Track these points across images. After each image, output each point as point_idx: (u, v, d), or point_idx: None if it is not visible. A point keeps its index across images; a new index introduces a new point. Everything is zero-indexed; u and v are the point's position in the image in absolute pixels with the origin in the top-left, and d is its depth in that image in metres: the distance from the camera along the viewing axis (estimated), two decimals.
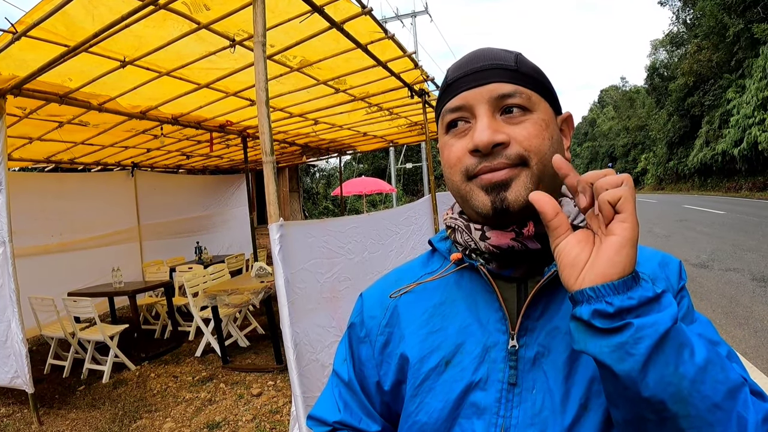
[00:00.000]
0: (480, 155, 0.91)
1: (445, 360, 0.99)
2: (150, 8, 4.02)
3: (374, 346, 1.10)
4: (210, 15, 4.42)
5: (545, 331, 0.93)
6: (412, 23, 28.55)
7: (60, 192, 9.63)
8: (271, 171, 3.46)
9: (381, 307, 1.13)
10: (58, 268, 8.97)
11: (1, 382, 5.43)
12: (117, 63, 5.14)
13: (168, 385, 5.80)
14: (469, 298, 1.03)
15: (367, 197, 29.36)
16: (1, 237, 5.10)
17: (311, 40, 5.14)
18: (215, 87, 6.39)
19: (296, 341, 3.42)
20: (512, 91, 0.93)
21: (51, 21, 4.13)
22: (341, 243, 4.49)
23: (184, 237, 12.18)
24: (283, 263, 3.41)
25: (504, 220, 0.93)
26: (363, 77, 6.60)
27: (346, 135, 11.17)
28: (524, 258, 0.97)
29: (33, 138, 7.61)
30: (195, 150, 10.88)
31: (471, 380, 0.94)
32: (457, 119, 0.97)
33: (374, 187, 21.38)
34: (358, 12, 4.67)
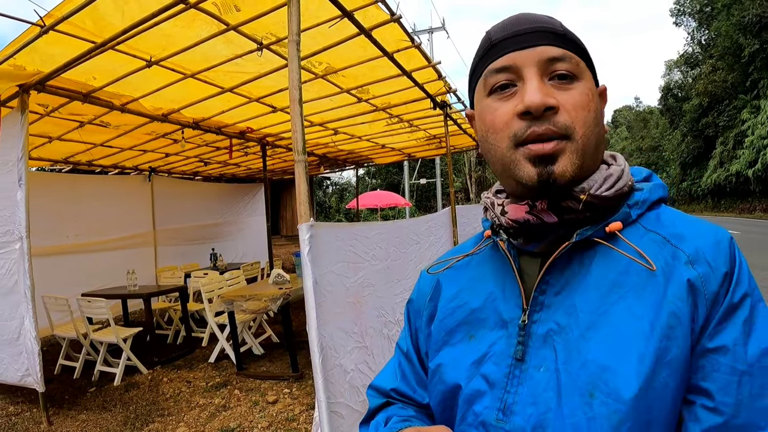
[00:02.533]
0: (530, 118, 0.88)
1: (469, 334, 1.01)
2: (180, 6, 4.00)
3: (422, 319, 1.15)
4: (239, 16, 4.41)
5: (563, 307, 0.90)
6: (429, 39, 28.70)
7: (77, 193, 9.65)
8: (303, 170, 3.41)
9: (430, 282, 1.18)
10: (72, 269, 8.97)
11: (12, 380, 5.40)
12: (143, 62, 5.13)
13: (181, 390, 5.74)
14: (498, 274, 1.04)
15: (381, 211, 29.35)
16: (19, 233, 5.09)
17: (338, 46, 5.13)
18: (239, 91, 6.38)
19: (322, 345, 3.37)
20: (562, 55, 0.91)
21: (80, 15, 4.10)
22: (367, 248, 4.45)
23: (198, 243, 12.18)
24: (312, 264, 3.37)
25: (547, 193, 0.90)
26: (386, 87, 6.58)
27: (365, 146, 11.17)
28: (547, 232, 0.95)
29: (53, 137, 7.62)
30: (213, 157, 10.91)
31: (486, 352, 0.96)
32: (504, 81, 0.93)
33: (389, 200, 21.41)
34: (387, 19, 4.65)
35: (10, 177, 5.17)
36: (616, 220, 0.91)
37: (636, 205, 0.93)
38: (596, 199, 0.90)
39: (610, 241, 0.90)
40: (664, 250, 0.87)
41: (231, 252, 12.80)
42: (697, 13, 47.74)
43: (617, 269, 0.87)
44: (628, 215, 0.92)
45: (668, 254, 0.86)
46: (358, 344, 3.97)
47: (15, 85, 5.06)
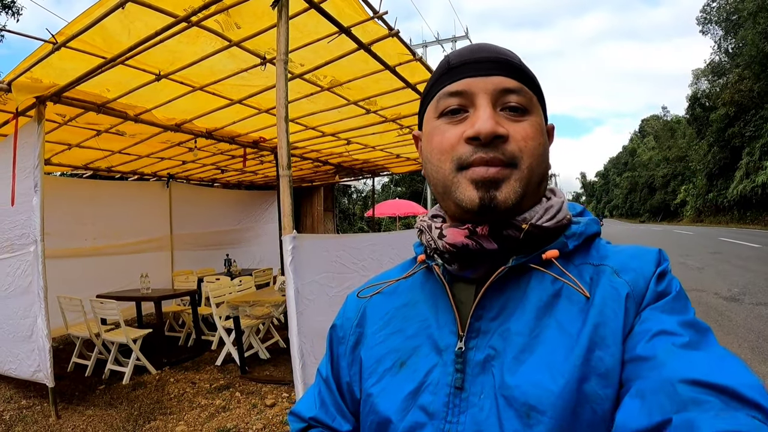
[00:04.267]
0: (477, 144, 0.87)
1: (400, 361, 0.96)
2: (183, 25, 4.21)
3: (347, 345, 1.10)
4: (241, 33, 4.60)
5: (498, 332, 0.88)
6: (453, 48, 28.72)
7: (96, 198, 9.91)
8: (286, 184, 3.60)
9: (356, 307, 1.14)
10: (90, 271, 9.20)
11: (24, 375, 5.65)
12: (152, 76, 5.37)
13: (185, 391, 5.91)
14: (430, 300, 1.01)
15: (402, 220, 29.43)
16: (33, 236, 5.32)
17: (340, 60, 5.29)
18: (247, 103, 6.58)
19: (302, 352, 3.52)
20: (517, 87, 0.91)
21: (89, 33, 4.35)
22: (355, 259, 4.58)
23: (214, 249, 12.36)
24: (294, 274, 3.54)
25: (487, 218, 0.89)
26: (394, 98, 6.74)
27: (379, 156, 11.29)
28: (484, 259, 0.93)
29: (72, 144, 7.89)
30: (229, 164, 11.13)
31: (422, 382, 0.91)
32: (455, 106, 0.92)
33: (408, 209, 21.45)
34: (386, 34, 4.81)
35: (27, 183, 5.41)
36: (552, 248, 0.91)
37: (573, 236, 0.94)
38: (537, 230, 0.90)
39: (545, 268, 0.90)
40: (593, 273, 0.89)
41: (248, 258, 12.95)
42: (724, 22, 47.16)
43: (550, 293, 0.88)
44: (564, 245, 0.92)
45: (595, 274, 0.88)
46: None
47: (32, 96, 5.30)
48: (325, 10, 4.17)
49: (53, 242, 5.43)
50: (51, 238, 5.37)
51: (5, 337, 5.96)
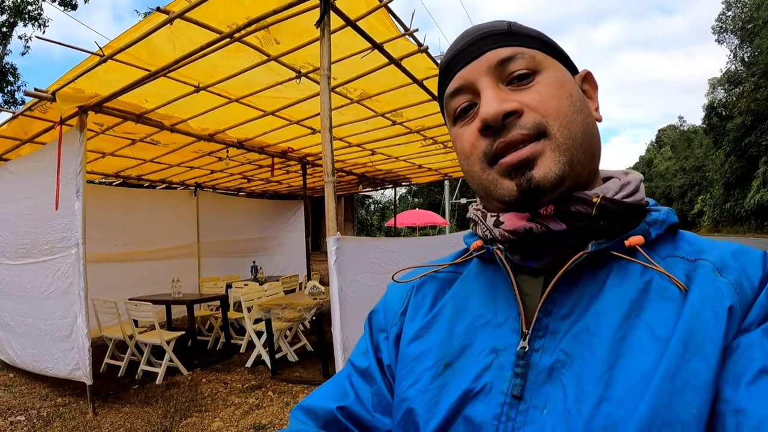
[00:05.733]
0: (492, 133, 0.78)
1: (445, 361, 0.83)
2: (226, 40, 4.47)
3: (389, 336, 0.97)
4: (279, 48, 4.86)
5: (572, 334, 0.74)
6: None
7: (126, 205, 10.21)
8: (331, 190, 3.83)
9: (401, 295, 1.02)
10: (120, 276, 9.47)
11: (62, 374, 5.91)
12: (191, 88, 5.65)
13: (218, 390, 6.13)
14: (487, 293, 0.87)
15: (420, 230, 29.59)
16: (75, 239, 5.59)
17: (371, 74, 5.53)
18: (280, 114, 6.85)
19: (345, 345, 3.76)
20: (511, 53, 0.81)
21: (136, 47, 4.64)
22: (391, 261, 4.81)
23: (240, 256, 12.62)
24: (337, 273, 3.78)
25: (534, 204, 0.78)
26: (419, 111, 6.96)
27: (402, 166, 11.52)
28: (551, 246, 0.80)
29: (106, 153, 8.21)
30: (256, 174, 11.40)
31: (470, 388, 0.78)
32: (463, 104, 0.84)
33: (427, 219, 21.64)
34: (415, 49, 5.06)
35: (69, 188, 5.68)
36: (636, 234, 0.77)
37: (655, 224, 0.79)
38: (613, 204, 0.77)
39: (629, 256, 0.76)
40: (689, 269, 0.74)
41: (272, 266, 13.16)
42: (739, 31, 47.05)
43: (637, 288, 0.73)
44: (647, 232, 0.78)
45: (692, 270, 0.74)
46: None
47: (75, 106, 5.58)
48: (361, 28, 4.43)
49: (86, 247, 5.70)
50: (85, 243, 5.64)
51: (43, 336, 6.22)
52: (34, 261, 6.39)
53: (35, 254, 6.37)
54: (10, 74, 25.19)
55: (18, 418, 5.45)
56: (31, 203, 6.44)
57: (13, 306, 6.98)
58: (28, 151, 7.10)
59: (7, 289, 7.13)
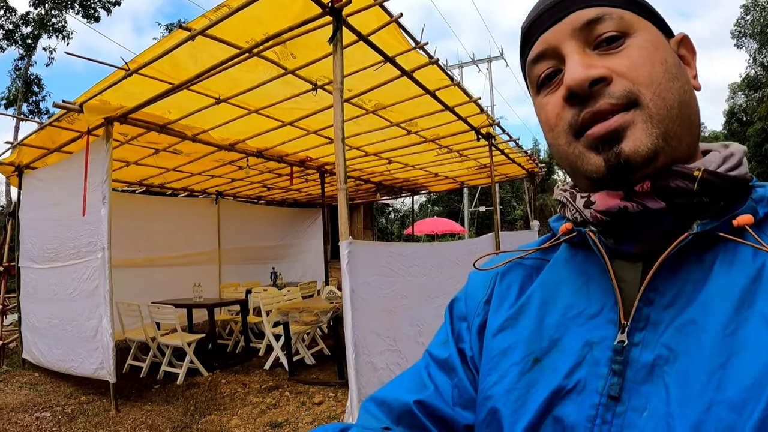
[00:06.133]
0: (578, 102, 0.72)
1: (533, 356, 0.77)
2: (245, 55, 4.70)
3: (472, 326, 0.91)
4: (296, 62, 5.09)
5: (676, 326, 0.67)
6: (488, 68, 29.09)
7: (149, 213, 10.49)
8: (344, 196, 4.05)
9: (484, 282, 0.94)
10: (142, 281, 9.69)
11: (86, 372, 6.17)
12: (212, 100, 5.89)
13: (237, 390, 6.34)
14: (578, 280, 0.80)
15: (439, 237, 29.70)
16: (102, 243, 5.85)
17: (385, 86, 5.73)
18: (298, 125, 7.08)
19: (356, 342, 3.95)
20: (599, 14, 0.74)
21: (159, 62, 4.88)
22: (402, 265, 5.00)
23: (260, 263, 12.82)
24: (349, 275, 3.99)
25: (626, 180, 0.72)
26: (433, 120, 7.15)
27: (419, 174, 11.71)
28: (648, 226, 0.73)
29: (130, 162, 8.50)
30: (276, 182, 11.65)
31: (561, 386, 0.72)
32: (547, 70, 0.78)
33: (445, 227, 21.80)
34: (426, 62, 5.26)
35: (95, 195, 5.96)
36: (744, 213, 0.69)
37: (762, 201, 0.71)
38: (717, 178, 0.70)
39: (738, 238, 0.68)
40: None
41: (291, 273, 13.36)
42: (758, 35, 46.54)
43: (748, 274, 0.66)
44: (754, 210, 0.70)
45: None
46: (390, 347, 4.52)
47: (101, 117, 5.86)
48: (373, 42, 4.64)
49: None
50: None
51: (69, 337, 6.49)
52: (60, 265, 6.68)
53: (62, 258, 6.65)
54: (35, 84, 25.86)
55: (43, 414, 5.70)
56: (59, 209, 6.73)
57: (39, 308, 7.29)
58: (55, 159, 7.39)
59: (34, 292, 7.45)
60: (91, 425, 5.35)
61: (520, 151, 9.94)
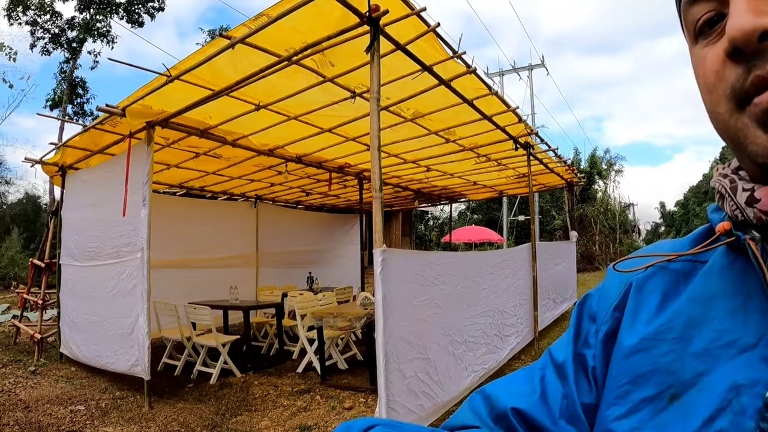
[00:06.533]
0: (744, 59, 0.54)
1: (671, 391, 0.63)
2: (284, 63, 4.76)
3: (599, 331, 0.78)
4: (334, 70, 5.15)
5: None
6: (529, 76, 28.90)
7: (189, 215, 10.64)
8: (378, 204, 4.09)
9: (618, 285, 0.79)
10: (179, 282, 9.79)
11: (122, 369, 6.31)
12: (252, 106, 5.99)
13: (269, 392, 6.38)
14: (736, 298, 0.63)
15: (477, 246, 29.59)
16: (141, 243, 5.97)
17: (422, 94, 5.76)
18: (336, 132, 7.15)
19: (386, 350, 3.98)
20: None
21: (200, 69, 4.99)
22: (436, 274, 5.01)
23: (297, 267, 12.85)
24: (382, 282, 4.03)
25: None
26: (471, 129, 7.16)
27: (457, 183, 11.71)
28: None
29: (171, 165, 8.65)
30: (314, 188, 11.76)
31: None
32: (704, 14, 0.60)
33: (483, 236, 21.72)
34: (464, 71, 5.27)
35: (136, 197, 6.09)
36: None
37: None
38: None
39: None
40: None
41: (327, 278, 13.30)
42: None
43: None
44: None
45: None
46: (420, 355, 4.53)
47: (143, 121, 5.99)
48: (410, 51, 4.67)
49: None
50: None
51: (106, 333, 6.63)
52: (100, 263, 6.84)
53: (102, 257, 6.81)
54: (79, 87, 26.44)
55: (77, 408, 5.81)
56: (100, 210, 6.90)
57: (78, 304, 7.47)
58: (98, 161, 7.56)
59: (73, 288, 7.63)
60: (123, 420, 5.45)
61: (560, 160, 9.88)
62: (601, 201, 42.84)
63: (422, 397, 4.49)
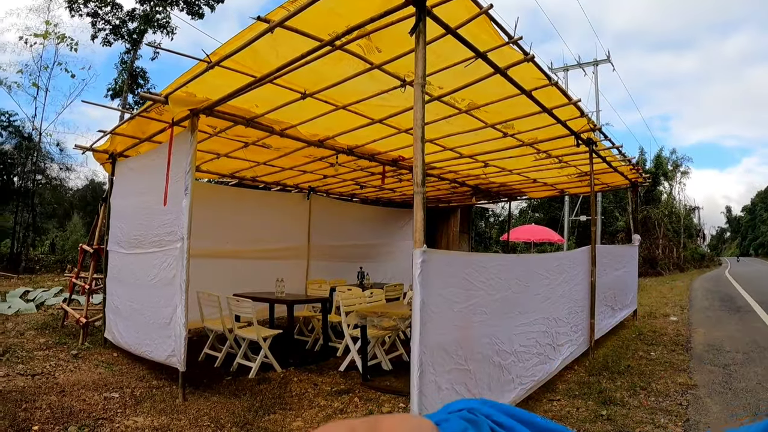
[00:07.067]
0: None
1: None
2: (327, 48, 4.50)
3: None
4: (382, 56, 4.84)
5: None
6: (594, 71, 28.24)
7: (239, 205, 10.56)
8: (420, 201, 3.78)
9: None
10: (228, 272, 9.81)
11: (159, 358, 6.28)
12: (298, 95, 5.76)
13: (306, 390, 6.20)
14: None
15: (537, 246, 29.00)
16: (181, 234, 5.85)
17: (478, 84, 5.40)
18: (388, 123, 6.85)
19: (421, 360, 3.67)
20: None
21: (240, 54, 4.76)
22: (483, 278, 4.67)
23: (348, 262, 12.72)
24: (421, 286, 3.71)
25: None
26: (530, 123, 6.75)
27: (516, 180, 11.31)
28: None
29: (220, 154, 8.52)
30: (368, 181, 11.50)
31: None
32: None
33: (543, 235, 21.17)
34: (521, 58, 4.86)
35: (178, 186, 5.96)
36: None
37: None
38: None
39: None
40: None
41: (379, 273, 13.25)
42: None
43: None
44: None
45: None
46: (459, 366, 4.20)
47: (186, 109, 5.85)
48: (462, 36, 4.31)
49: (196, 242, 5.91)
50: (194, 239, 5.84)
51: (146, 322, 6.61)
52: (143, 251, 6.80)
53: (145, 245, 6.77)
54: (140, 77, 27.14)
55: (112, 395, 5.76)
56: (145, 198, 6.84)
57: (122, 291, 7.48)
58: (147, 148, 7.53)
59: (119, 275, 7.65)
60: (155, 411, 5.36)
61: (624, 159, 9.36)
62: (665, 203, 41.74)
63: None
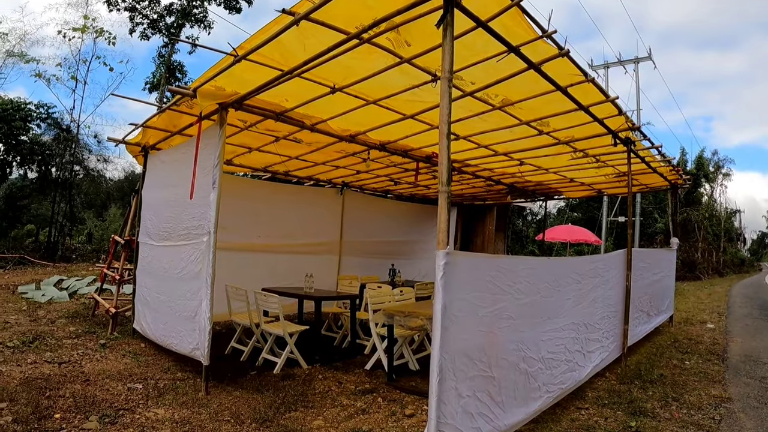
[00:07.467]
0: None
1: None
2: (354, 41, 4.39)
3: None
4: (411, 50, 4.71)
5: None
6: (635, 69, 27.74)
7: (272, 199, 10.57)
8: (444, 200, 3.66)
9: None
10: (259, 265, 9.83)
11: (184, 351, 6.28)
12: (327, 89, 5.67)
13: (330, 388, 6.13)
14: None
15: (573, 246, 28.59)
16: (208, 228, 5.83)
17: (511, 79, 5.24)
18: (420, 118, 6.73)
19: (441, 366, 3.54)
20: None
21: (267, 48, 4.70)
22: (510, 281, 4.51)
23: (380, 258, 12.61)
24: (443, 289, 3.58)
25: None
26: (566, 120, 6.57)
27: (552, 179, 11.09)
28: None
29: (252, 148, 8.50)
30: (402, 177, 11.38)
31: None
32: None
33: (579, 236, 20.81)
34: (555, 53, 4.68)
35: (206, 180, 5.94)
36: None
37: None
38: None
39: None
40: None
41: (412, 270, 13.08)
42: None
43: None
44: None
45: None
46: (483, 373, 4.06)
47: (215, 103, 5.83)
48: (493, 29, 4.15)
49: (228, 236, 5.90)
50: (227, 232, 5.82)
51: (172, 314, 6.64)
52: (172, 244, 6.82)
53: (173, 238, 6.78)
54: (177, 71, 27.37)
55: (135, 386, 5.78)
56: (175, 191, 6.86)
57: (151, 282, 7.53)
58: (178, 141, 7.52)
59: (149, 267, 7.71)
60: (177, 403, 5.34)
61: (663, 159, 9.08)
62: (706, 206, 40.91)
63: (479, 419, 3.99)
